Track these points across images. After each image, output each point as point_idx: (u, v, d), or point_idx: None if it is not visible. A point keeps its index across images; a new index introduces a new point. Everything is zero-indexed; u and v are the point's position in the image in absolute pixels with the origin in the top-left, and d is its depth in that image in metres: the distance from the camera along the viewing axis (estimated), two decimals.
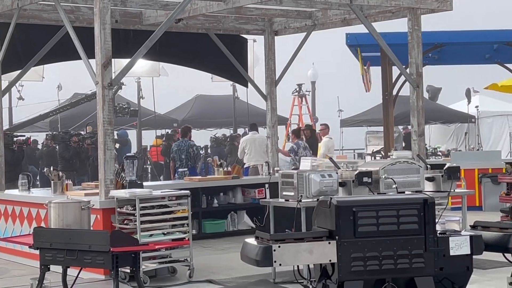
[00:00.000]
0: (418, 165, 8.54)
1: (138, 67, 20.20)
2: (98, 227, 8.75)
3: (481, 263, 8.36)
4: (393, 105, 18.34)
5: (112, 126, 9.17)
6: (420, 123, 11.01)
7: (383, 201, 5.33)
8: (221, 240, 11.61)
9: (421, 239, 5.14)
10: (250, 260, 5.22)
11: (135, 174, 9.57)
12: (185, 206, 8.84)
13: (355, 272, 5.08)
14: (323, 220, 5.33)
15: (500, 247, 5.49)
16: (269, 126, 13.16)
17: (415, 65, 11.00)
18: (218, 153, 21.84)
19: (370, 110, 25.88)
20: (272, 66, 13.02)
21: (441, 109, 26.69)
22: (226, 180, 12.38)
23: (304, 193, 7.84)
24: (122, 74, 9.58)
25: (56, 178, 10.20)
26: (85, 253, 5.74)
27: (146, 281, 8.29)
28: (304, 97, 25.71)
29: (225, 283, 8.46)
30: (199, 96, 28.42)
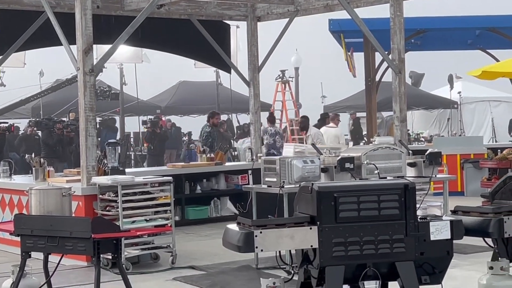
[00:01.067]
0: (400, 151, 8.57)
1: (120, 53, 20.14)
2: (80, 213, 8.73)
3: (461, 248, 8.42)
4: (376, 91, 18.40)
5: (94, 113, 9.13)
6: (402, 109, 11.04)
7: (364, 187, 5.33)
8: (204, 226, 11.62)
9: (401, 224, 5.15)
10: (232, 246, 5.22)
11: (117, 160, 9.54)
12: (168, 192, 8.83)
13: (336, 257, 5.09)
14: (304, 206, 5.33)
15: (481, 231, 5.52)
16: (252, 112, 13.15)
17: (397, 51, 11.01)
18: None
19: (353, 96, 25.95)
20: (255, 52, 13.00)
21: (423, 95, 26.79)
22: (209, 167, 12.39)
23: (287, 179, 7.85)
24: (103, 60, 9.53)
25: (37, 164, 10.15)
26: (67, 239, 5.72)
27: (128, 268, 8.29)
28: (288, 83, 25.70)
29: (208, 269, 8.47)
30: (182, 82, 28.36)
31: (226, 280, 7.78)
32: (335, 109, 27.14)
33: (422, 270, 5.27)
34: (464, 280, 7.20)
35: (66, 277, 8.12)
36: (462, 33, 19.99)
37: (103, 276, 6.09)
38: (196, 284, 7.71)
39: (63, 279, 7.97)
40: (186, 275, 8.19)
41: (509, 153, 11.89)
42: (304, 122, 15.18)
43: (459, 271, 7.58)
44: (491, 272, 5.76)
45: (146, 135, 20.91)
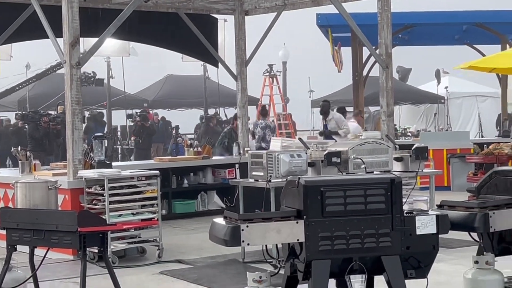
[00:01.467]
0: (386, 146, 8.59)
1: (107, 47, 20.08)
2: (66, 207, 8.71)
3: (447, 242, 8.46)
4: (363, 86, 18.44)
5: (81, 106, 9.11)
6: (389, 103, 11.06)
7: (351, 181, 5.33)
8: (191, 220, 11.62)
9: (388, 218, 5.16)
10: (218, 240, 5.22)
11: (104, 154, 9.51)
12: (155, 186, 8.82)
13: (323, 251, 5.09)
14: (291, 200, 5.34)
15: (466, 226, 5.54)
16: (240, 107, 13.14)
17: (385, 46, 11.02)
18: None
19: (340, 91, 25.97)
20: (243, 46, 12.98)
21: (411, 90, 26.86)
22: (196, 161, 12.38)
23: (274, 173, 7.86)
24: (90, 53, 9.48)
25: (24, 158, 10.11)
26: (52, 233, 5.70)
27: (115, 261, 8.28)
28: (275, 77, 25.69)
29: (195, 263, 8.47)
30: (170, 76, 28.31)
31: (212, 274, 7.78)
32: None
33: (408, 264, 5.28)
34: (449, 275, 7.24)
35: (52, 271, 8.10)
36: (449, 28, 20.07)
37: (89, 269, 6.08)
38: (182, 278, 7.71)
39: (49, 272, 7.95)
40: (172, 269, 8.19)
41: (495, 148, 11.95)
42: (325, 106, 14.64)
43: (445, 266, 7.62)
44: (476, 267, 5.78)
45: (135, 129, 20.86)
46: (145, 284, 7.50)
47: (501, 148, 11.85)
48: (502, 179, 5.89)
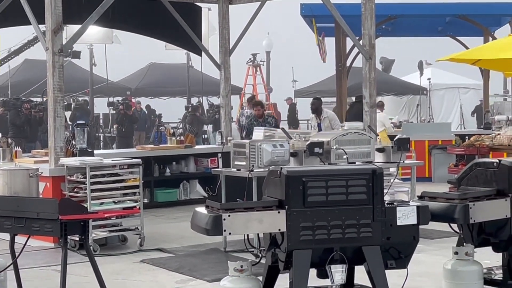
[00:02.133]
0: (369, 136, 8.62)
1: (90, 34, 19.93)
2: (48, 195, 8.68)
3: (428, 233, 8.52)
4: (346, 76, 18.46)
5: (63, 93, 9.07)
6: (372, 94, 11.09)
7: (333, 171, 5.36)
8: (173, 209, 11.62)
9: (369, 209, 5.19)
10: (200, 229, 5.23)
11: (86, 142, 9.48)
12: (137, 174, 8.80)
13: (304, 241, 5.12)
14: (273, 190, 5.35)
15: (446, 217, 5.58)
16: (223, 96, 13.13)
17: (368, 37, 11.05)
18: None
19: (324, 81, 26.01)
20: (226, 35, 12.95)
21: (393, 81, 26.93)
22: (178, 149, 12.37)
23: (256, 163, 7.87)
24: (73, 40, 9.44)
25: (5, 145, 10.06)
26: (33, 220, 5.67)
27: (96, 249, 8.27)
28: (259, 67, 25.73)
29: (176, 251, 8.47)
30: (153, 64, 28.22)
31: (194, 263, 7.79)
32: (306, 94, 27.21)
33: (388, 254, 5.32)
34: (429, 265, 7.29)
35: (32, 258, 8.08)
36: (432, 20, 20.12)
37: (70, 257, 6.07)
38: (164, 266, 7.72)
39: (30, 260, 7.93)
40: (154, 257, 8.19)
41: (476, 140, 12.01)
42: (316, 104, 14.29)
43: (425, 256, 7.67)
44: (456, 257, 5.83)
45: (117, 117, 20.79)
46: (126, 273, 7.50)
47: (482, 140, 11.92)
48: (483, 171, 5.93)
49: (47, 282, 7.12)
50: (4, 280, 6.35)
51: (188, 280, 7.13)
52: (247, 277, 5.33)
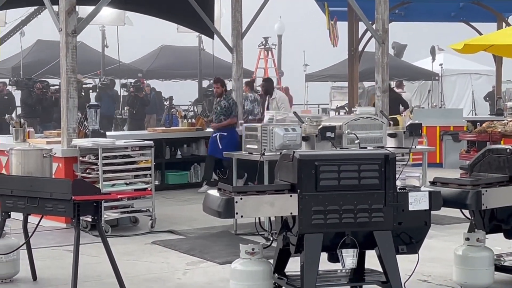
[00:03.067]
0: (381, 121, 8.61)
1: (103, 16, 19.92)
2: (60, 175, 8.72)
3: (439, 219, 8.52)
4: (358, 61, 18.42)
5: (76, 74, 9.09)
6: (385, 79, 11.07)
7: (345, 156, 5.37)
8: (184, 192, 11.66)
9: (381, 194, 5.20)
10: (212, 211, 5.26)
11: (98, 123, 9.51)
12: (148, 156, 8.83)
13: (316, 225, 5.14)
14: (285, 174, 5.37)
15: (458, 203, 5.58)
16: (234, 79, 13.11)
17: (381, 21, 11.01)
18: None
19: (335, 66, 25.91)
20: (239, 18, 12.92)
21: (405, 66, 26.80)
22: (190, 132, 12.39)
23: (268, 147, 7.88)
24: (86, 22, 9.43)
25: (17, 125, 10.10)
26: (47, 201, 5.71)
27: (107, 230, 8.31)
28: (270, 50, 25.64)
29: (187, 233, 8.51)
30: (164, 46, 28.15)
31: (204, 245, 7.82)
32: (317, 78, 27.15)
33: (399, 239, 5.33)
34: (440, 251, 7.30)
35: (45, 238, 8.14)
36: (446, 5, 20.01)
37: (82, 238, 6.10)
38: (174, 248, 7.75)
39: (42, 240, 7.98)
40: (165, 239, 8.23)
41: (488, 126, 11.97)
42: (267, 85, 13.43)
43: (436, 242, 7.67)
44: (467, 243, 5.84)
45: (128, 99, 20.80)
46: (137, 254, 7.54)
47: (494, 126, 11.88)
48: (495, 157, 5.93)
49: (59, 261, 7.17)
50: (17, 259, 6.41)
51: (199, 262, 7.17)
52: (258, 260, 5.36)
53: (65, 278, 6.25)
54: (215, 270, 6.85)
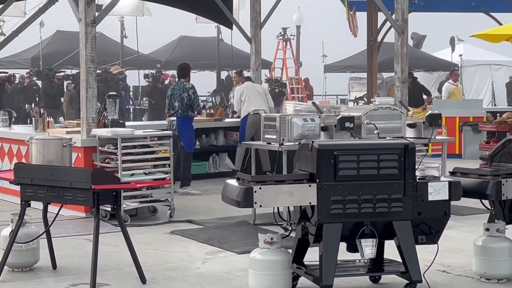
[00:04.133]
0: (400, 111, 8.58)
1: (122, 6, 19.97)
2: (79, 165, 8.76)
3: (458, 210, 8.48)
4: (377, 52, 18.33)
5: (95, 64, 9.11)
6: (404, 69, 11.02)
7: (364, 146, 5.36)
8: (202, 182, 11.65)
9: (400, 184, 5.19)
10: (230, 201, 5.27)
11: (117, 113, 9.54)
12: (167, 146, 8.85)
13: (334, 215, 5.14)
14: (304, 163, 5.36)
15: (478, 193, 5.56)
16: (253, 69, 13.09)
17: (401, 11, 10.95)
18: None
19: (354, 56, 25.82)
20: (258, 8, 12.89)
21: (424, 57, 26.68)
22: (208, 122, 12.40)
23: (286, 137, 7.87)
24: (105, 12, 9.45)
25: (37, 115, 10.15)
26: (66, 190, 5.73)
27: (126, 220, 8.34)
28: (289, 41, 25.57)
29: (205, 223, 8.53)
30: (183, 37, 28.18)
31: (223, 235, 7.84)
32: (336, 69, 27.07)
33: (419, 229, 5.32)
34: (460, 241, 7.27)
35: (64, 227, 8.19)
36: None
37: (101, 227, 6.13)
38: (193, 238, 7.77)
39: (62, 229, 8.03)
40: (183, 229, 8.25)
41: (508, 117, 11.91)
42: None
43: (455, 232, 7.64)
44: (487, 234, 5.82)
45: (147, 90, 20.87)
46: (156, 243, 7.56)
47: None
48: None
49: (78, 250, 7.21)
50: (37, 248, 6.46)
51: (218, 252, 7.18)
52: (277, 249, 5.37)
53: (84, 267, 6.28)
54: (234, 259, 6.87)
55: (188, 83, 10.76)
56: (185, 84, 10.66)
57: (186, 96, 10.52)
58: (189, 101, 10.55)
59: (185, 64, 11.22)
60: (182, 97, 10.53)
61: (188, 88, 10.61)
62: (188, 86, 10.65)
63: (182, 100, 10.53)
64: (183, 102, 10.53)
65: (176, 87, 10.77)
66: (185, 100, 10.52)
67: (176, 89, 10.67)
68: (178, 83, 10.80)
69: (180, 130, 10.48)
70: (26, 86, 20.11)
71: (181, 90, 10.59)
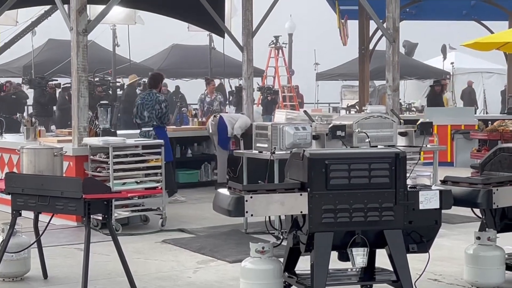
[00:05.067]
0: (391, 120, 8.59)
1: (113, 14, 19.98)
2: (70, 174, 8.74)
3: (450, 218, 8.50)
4: (369, 60, 18.39)
5: (86, 73, 9.10)
6: (395, 78, 11.05)
7: (355, 155, 5.36)
8: (194, 190, 11.67)
9: (391, 192, 5.19)
10: (222, 210, 5.25)
11: (109, 122, 9.53)
12: (159, 155, 8.84)
13: (326, 224, 5.13)
14: (295, 172, 5.36)
15: (469, 202, 5.56)
16: (245, 78, 13.10)
17: (392, 20, 10.98)
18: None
19: (346, 64, 25.90)
20: (249, 17, 12.90)
21: (416, 65, 26.76)
22: (200, 131, 12.40)
23: (278, 145, 7.87)
24: (97, 21, 9.45)
25: (29, 124, 10.13)
26: (57, 199, 5.72)
27: (118, 229, 8.33)
28: (281, 49, 25.63)
29: (197, 232, 8.52)
30: (175, 45, 28.19)
31: (215, 244, 7.83)
32: (328, 77, 27.12)
33: (410, 238, 5.32)
34: (451, 250, 7.28)
35: (55, 236, 8.16)
36: (457, 4, 19.97)
37: (93, 236, 6.13)
38: (185, 247, 7.76)
39: (53, 238, 8.01)
40: (175, 237, 8.24)
41: (499, 125, 11.93)
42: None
43: (447, 241, 7.65)
44: (478, 242, 5.82)
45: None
46: (148, 252, 7.55)
47: (505, 125, 11.84)
48: (506, 156, 5.90)
49: (69, 260, 7.19)
50: (28, 258, 6.44)
51: (209, 261, 7.17)
52: (268, 258, 5.36)
53: (75, 276, 6.27)
54: (225, 268, 6.86)
55: (161, 95, 10.51)
56: (158, 96, 10.37)
57: (158, 108, 10.24)
58: (160, 113, 10.25)
59: (157, 74, 10.97)
60: (154, 108, 10.23)
61: (161, 101, 10.33)
62: (161, 98, 10.40)
63: (153, 111, 10.23)
64: (154, 113, 10.24)
65: (147, 97, 10.37)
66: (157, 112, 10.25)
67: (148, 99, 10.31)
68: (150, 94, 10.39)
69: (160, 139, 10.30)
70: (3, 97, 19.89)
71: (154, 101, 10.26)
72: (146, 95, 10.49)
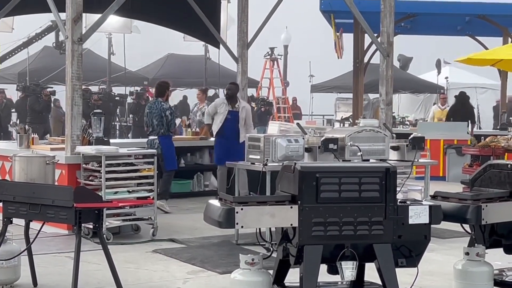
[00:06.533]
0: (384, 134, 8.62)
1: (109, 23, 20.03)
2: (63, 182, 8.75)
3: (439, 233, 8.52)
4: (363, 73, 18.45)
5: (81, 82, 9.13)
6: (389, 92, 11.10)
7: (346, 168, 5.39)
8: (186, 200, 11.66)
9: (381, 207, 5.22)
10: (212, 221, 5.27)
11: (102, 130, 9.54)
12: (152, 165, 8.85)
13: (316, 237, 5.15)
14: (286, 185, 5.38)
15: (459, 217, 5.59)
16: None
17: (387, 34, 11.04)
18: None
19: (340, 77, 25.96)
20: (245, 28, 12.96)
21: (411, 79, 26.85)
22: (194, 141, 12.41)
23: (270, 157, 7.89)
24: (92, 30, 9.49)
25: (22, 131, 10.14)
26: (48, 207, 5.74)
27: (109, 238, 8.33)
28: (276, 60, 25.72)
29: (188, 242, 8.52)
30: (171, 55, 28.26)
31: (205, 254, 7.83)
32: (323, 89, 27.18)
33: (399, 252, 5.34)
34: (440, 265, 7.30)
35: (46, 245, 8.16)
36: (452, 19, 20.05)
37: (84, 245, 6.13)
38: (175, 257, 7.77)
39: (44, 246, 8.00)
40: (166, 247, 8.24)
41: (491, 141, 11.98)
42: (233, 89, 11.63)
43: (436, 255, 7.68)
44: (467, 258, 5.84)
45: (132, 107, 20.88)
46: (138, 262, 7.55)
47: (497, 141, 11.89)
48: (497, 172, 5.93)
49: (60, 268, 7.18)
50: (18, 265, 6.43)
51: (199, 272, 7.18)
52: (258, 270, 5.37)
53: (65, 284, 6.26)
54: (215, 279, 6.87)
55: (166, 103, 10.71)
56: (163, 104, 10.60)
57: (164, 116, 10.52)
58: (166, 121, 10.53)
59: (163, 83, 11.11)
60: (161, 116, 10.52)
61: (165, 109, 10.57)
62: (166, 106, 10.62)
63: (161, 119, 10.52)
64: (163, 121, 10.52)
65: (153, 106, 10.66)
66: (164, 119, 10.51)
67: (154, 108, 10.60)
68: (156, 102, 10.67)
69: (164, 148, 10.50)
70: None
71: (159, 110, 10.54)
72: (153, 104, 10.79)
